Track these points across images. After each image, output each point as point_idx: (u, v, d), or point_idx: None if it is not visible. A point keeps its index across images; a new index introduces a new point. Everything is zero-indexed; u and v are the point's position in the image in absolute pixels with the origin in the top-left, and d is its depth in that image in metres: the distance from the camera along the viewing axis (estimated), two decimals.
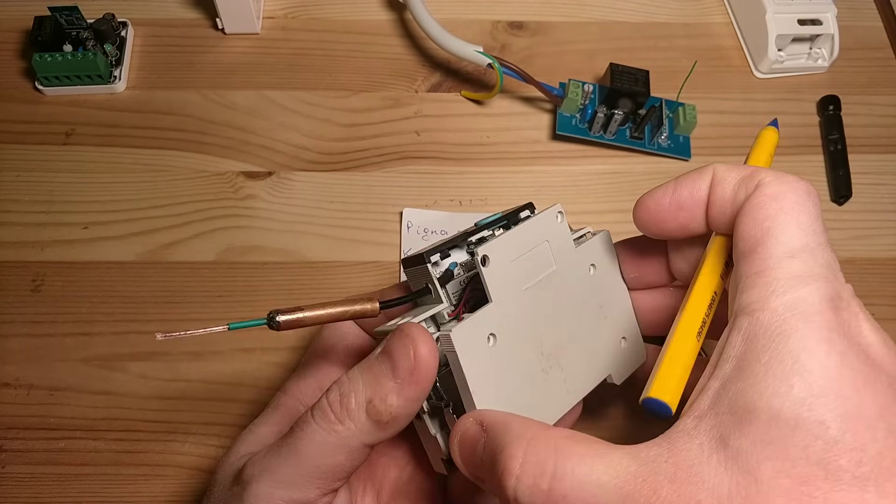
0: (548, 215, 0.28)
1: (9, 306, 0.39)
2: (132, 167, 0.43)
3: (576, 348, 0.28)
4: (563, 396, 0.28)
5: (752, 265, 0.22)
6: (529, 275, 0.27)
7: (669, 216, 0.26)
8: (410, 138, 0.45)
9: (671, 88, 0.44)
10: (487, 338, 0.25)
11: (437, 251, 0.26)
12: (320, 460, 0.24)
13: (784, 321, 0.20)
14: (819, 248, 0.22)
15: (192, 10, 0.49)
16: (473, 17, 0.50)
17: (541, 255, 0.27)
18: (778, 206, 0.22)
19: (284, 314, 0.24)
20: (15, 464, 0.36)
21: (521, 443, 0.21)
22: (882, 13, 0.51)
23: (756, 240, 0.22)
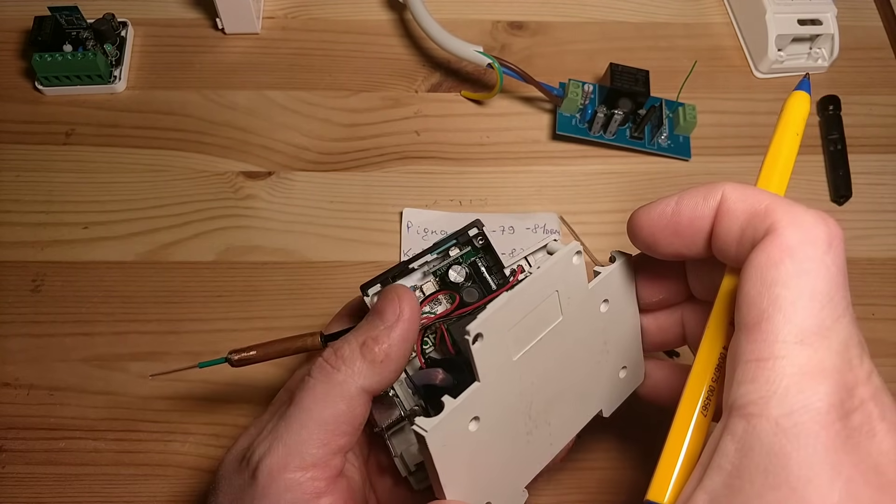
0: (562, 261, 0.25)
1: (9, 306, 0.39)
2: (132, 167, 0.43)
3: (567, 398, 0.27)
4: (546, 450, 0.27)
5: (754, 347, 0.19)
6: (528, 336, 0.25)
7: (664, 240, 0.23)
8: (410, 138, 0.45)
9: (671, 88, 0.44)
10: (470, 421, 0.24)
11: (376, 282, 0.27)
12: (323, 412, 0.24)
13: (784, 436, 0.17)
14: (836, 325, 0.18)
15: (192, 10, 0.49)
16: (473, 17, 0.50)
17: (547, 309, 0.25)
18: (790, 266, 0.19)
19: (238, 353, 0.28)
20: (15, 464, 0.36)
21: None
22: (882, 13, 0.51)
23: (761, 312, 0.19)
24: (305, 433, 0.24)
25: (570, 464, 0.36)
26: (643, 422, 0.38)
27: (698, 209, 0.22)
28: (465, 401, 0.23)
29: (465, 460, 0.24)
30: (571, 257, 0.25)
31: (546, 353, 0.26)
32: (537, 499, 0.36)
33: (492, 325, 0.23)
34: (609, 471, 0.36)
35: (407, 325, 0.25)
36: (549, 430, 0.27)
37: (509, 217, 0.42)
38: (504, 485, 0.26)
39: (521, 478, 0.26)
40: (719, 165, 0.45)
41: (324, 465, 0.24)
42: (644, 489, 0.22)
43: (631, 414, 0.38)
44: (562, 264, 0.25)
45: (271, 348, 0.29)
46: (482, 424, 0.24)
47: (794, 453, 0.17)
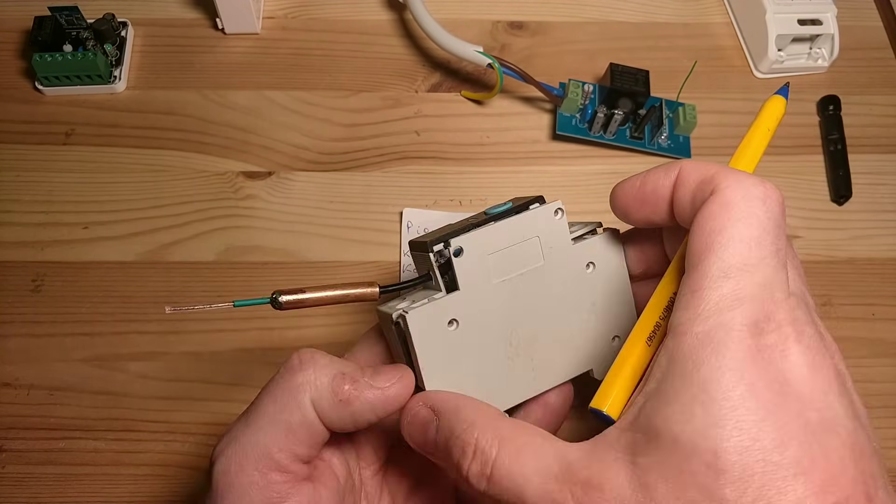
0: (543, 211, 0.28)
1: (9, 306, 0.39)
2: (132, 167, 0.43)
3: (553, 341, 0.28)
4: (529, 384, 0.28)
5: (690, 282, 0.21)
6: (509, 268, 0.27)
7: (633, 208, 0.26)
8: (410, 138, 0.45)
9: (671, 88, 0.44)
10: (449, 322, 0.26)
11: (440, 240, 0.27)
12: (278, 415, 0.24)
13: (700, 348, 0.20)
14: (761, 263, 0.21)
15: (192, 10, 0.49)
16: (473, 17, 0.50)
17: (528, 250, 0.28)
18: (726, 216, 0.22)
19: (287, 294, 0.25)
20: (15, 464, 0.36)
21: (473, 430, 0.23)
22: (882, 13, 0.51)
23: (699, 254, 0.22)
24: (260, 435, 0.24)
25: None
26: None
27: (660, 181, 0.25)
28: (444, 300, 0.26)
29: (443, 358, 0.26)
30: (553, 210, 0.28)
31: (529, 291, 0.28)
32: None
33: (471, 244, 0.26)
34: None
35: (388, 400, 0.25)
36: (533, 364, 0.28)
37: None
38: (482, 398, 0.26)
39: (500, 399, 0.27)
40: None
41: (284, 468, 0.24)
42: None
43: None
44: (542, 215, 0.28)
45: (324, 293, 0.25)
46: (461, 330, 0.26)
47: (707, 360, 0.20)
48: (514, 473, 0.22)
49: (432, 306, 0.26)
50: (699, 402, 0.20)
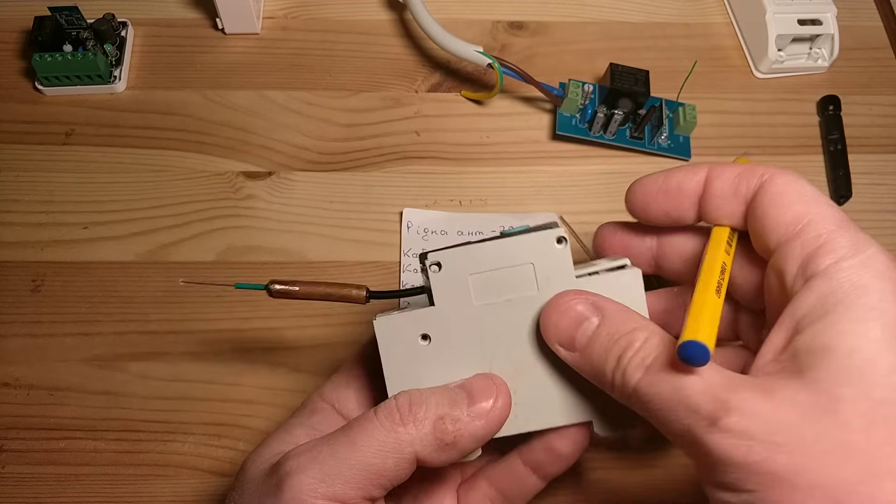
0: (538, 237, 0.26)
1: (9, 306, 0.39)
2: (132, 167, 0.43)
3: (541, 379, 0.27)
4: (509, 420, 0.27)
5: (809, 242, 0.23)
6: (495, 292, 0.26)
7: (655, 201, 0.27)
8: (410, 138, 0.45)
9: (671, 88, 0.44)
10: (422, 337, 0.26)
11: (432, 252, 0.26)
12: (372, 458, 0.24)
13: (859, 277, 0.22)
14: (850, 222, 0.23)
15: (192, 10, 0.49)
16: (473, 17, 0.50)
17: (520, 276, 0.26)
18: (796, 190, 0.24)
19: (280, 284, 0.27)
20: (15, 464, 0.36)
21: (644, 329, 0.24)
22: (882, 13, 0.51)
23: (797, 220, 0.23)
24: (346, 469, 0.24)
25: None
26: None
27: (687, 177, 0.26)
28: (418, 312, 0.26)
29: (410, 370, 0.27)
30: (552, 238, 0.26)
31: (516, 320, 0.27)
32: (538, 500, 0.36)
33: (451, 260, 0.26)
34: (611, 470, 0.36)
35: (491, 425, 0.25)
36: (516, 399, 0.27)
37: (509, 217, 0.42)
38: None
39: None
40: None
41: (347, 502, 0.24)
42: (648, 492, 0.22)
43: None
44: (540, 241, 0.26)
45: (314, 289, 0.27)
46: (433, 346, 0.26)
47: (871, 285, 0.21)
48: (676, 370, 0.22)
49: (404, 317, 0.26)
50: (875, 318, 0.21)
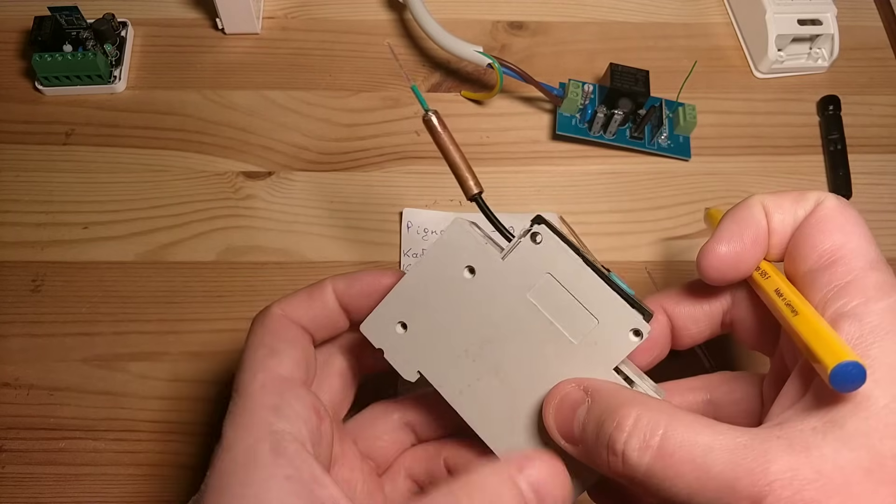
0: (626, 314, 0.25)
1: (9, 306, 0.39)
2: (132, 167, 0.43)
3: (514, 398, 0.26)
4: (462, 401, 0.27)
5: (837, 276, 0.23)
6: (548, 305, 0.26)
7: (733, 266, 0.25)
8: (410, 138, 0.45)
9: (671, 88, 0.44)
10: (396, 324, 0.27)
11: (557, 233, 0.26)
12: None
13: (890, 321, 0.21)
14: (882, 258, 0.24)
15: (192, 10, 0.49)
16: (473, 17, 0.50)
17: (579, 318, 0.25)
18: (843, 219, 0.24)
19: (437, 118, 0.27)
20: (15, 464, 0.36)
21: (633, 405, 0.22)
22: (882, 13, 0.51)
23: (832, 252, 0.23)
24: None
25: None
26: None
27: (755, 229, 0.25)
28: (390, 296, 0.27)
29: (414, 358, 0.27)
30: (633, 323, 0.25)
31: (539, 338, 0.26)
32: None
33: (551, 248, 0.25)
34: None
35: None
36: (477, 393, 0.27)
37: (509, 217, 0.42)
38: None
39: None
40: (719, 165, 0.45)
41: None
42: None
43: None
44: (623, 316, 0.25)
45: (454, 149, 0.28)
46: (409, 333, 0.27)
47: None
48: (692, 443, 0.20)
49: (379, 310, 0.27)
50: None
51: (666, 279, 0.41)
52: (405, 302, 0.27)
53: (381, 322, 0.27)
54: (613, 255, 0.42)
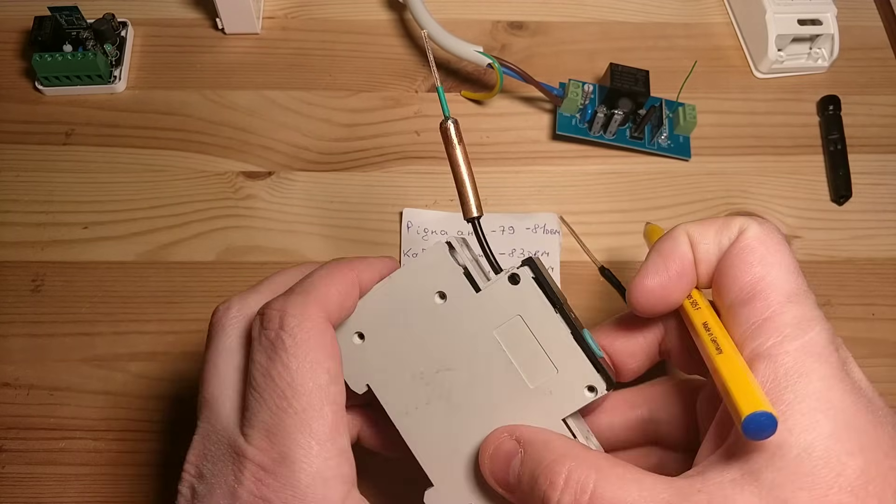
0: (587, 371, 0.26)
1: (9, 306, 0.39)
2: (132, 167, 0.43)
3: (456, 429, 0.27)
4: (405, 421, 0.27)
5: (756, 312, 0.23)
6: (511, 345, 0.26)
7: (660, 298, 0.25)
8: (410, 138, 0.45)
9: (671, 88, 0.44)
10: (353, 334, 0.27)
11: (538, 274, 0.26)
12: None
13: (802, 363, 0.21)
14: (807, 289, 0.23)
15: (192, 11, 0.49)
16: (473, 17, 0.50)
17: (538, 365, 0.26)
18: (764, 249, 0.23)
19: (455, 125, 0.28)
20: (15, 464, 0.36)
21: (564, 461, 0.22)
22: (882, 13, 0.51)
23: (752, 286, 0.23)
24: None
25: None
26: None
27: (680, 262, 0.25)
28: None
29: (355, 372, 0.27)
30: (590, 381, 0.26)
31: (493, 376, 0.26)
32: None
33: (529, 295, 0.26)
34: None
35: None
36: (422, 415, 0.27)
37: (509, 217, 0.42)
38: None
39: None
40: (719, 165, 0.45)
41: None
42: None
43: None
44: (584, 373, 0.26)
45: (463, 166, 0.28)
46: (365, 345, 0.27)
47: (812, 373, 0.21)
48: (619, 500, 0.21)
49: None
50: (821, 410, 0.20)
51: None
52: (367, 314, 0.27)
53: (339, 329, 0.27)
54: (613, 255, 0.42)
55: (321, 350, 0.24)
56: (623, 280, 0.40)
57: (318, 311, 0.24)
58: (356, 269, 0.27)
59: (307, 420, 0.23)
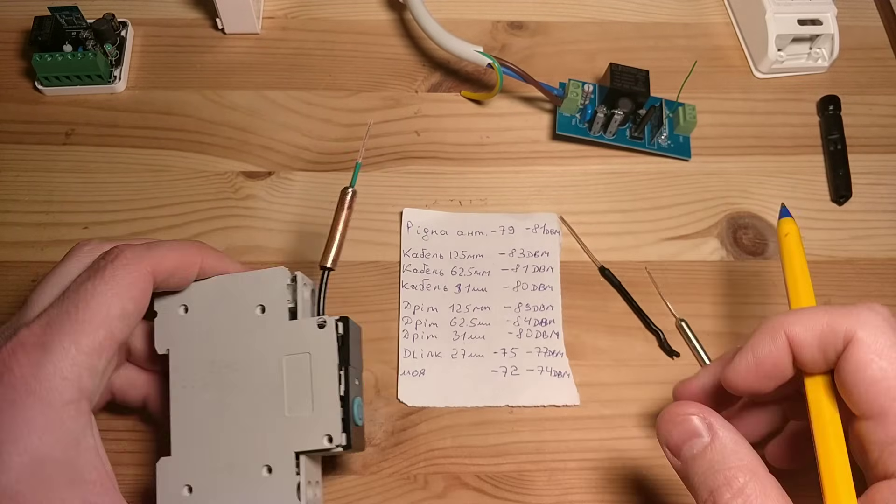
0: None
1: (9, 307, 0.39)
2: (132, 167, 0.43)
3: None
4: None
5: (888, 430, 0.24)
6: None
7: (759, 385, 0.27)
8: (410, 138, 0.45)
9: (671, 88, 0.44)
10: (179, 306, 0.32)
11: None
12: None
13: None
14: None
15: (192, 10, 0.49)
16: (473, 17, 0.50)
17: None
18: (882, 363, 0.24)
19: (353, 195, 0.33)
20: None
21: (745, 471, 0.24)
22: (882, 13, 0.51)
23: (882, 406, 0.24)
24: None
25: (572, 463, 0.36)
26: (645, 420, 0.38)
27: (773, 353, 0.26)
28: (197, 283, 0.32)
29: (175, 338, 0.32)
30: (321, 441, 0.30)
31: (262, 370, 0.31)
32: (539, 498, 0.36)
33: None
34: (616, 470, 0.36)
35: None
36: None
37: (509, 217, 0.42)
38: None
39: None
40: (719, 165, 0.45)
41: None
42: (646, 487, 0.22)
43: (635, 411, 0.38)
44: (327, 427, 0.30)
45: (342, 227, 0.34)
46: (185, 317, 0.32)
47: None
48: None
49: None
50: None
51: (665, 279, 0.41)
52: (199, 294, 0.32)
53: (173, 297, 0.32)
54: (613, 256, 0.42)
55: (128, 290, 0.28)
56: (623, 280, 0.40)
57: (147, 265, 0.29)
58: (205, 254, 0.32)
59: (80, 329, 0.26)
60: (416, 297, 0.40)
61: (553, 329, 0.39)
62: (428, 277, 0.41)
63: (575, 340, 0.39)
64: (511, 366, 0.38)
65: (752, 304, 0.41)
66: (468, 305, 0.40)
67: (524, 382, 0.38)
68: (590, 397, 0.38)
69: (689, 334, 0.39)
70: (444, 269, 0.41)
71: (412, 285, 0.40)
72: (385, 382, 0.38)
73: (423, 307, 0.40)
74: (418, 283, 0.40)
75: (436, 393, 0.38)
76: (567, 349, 0.39)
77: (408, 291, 0.40)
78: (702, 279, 0.41)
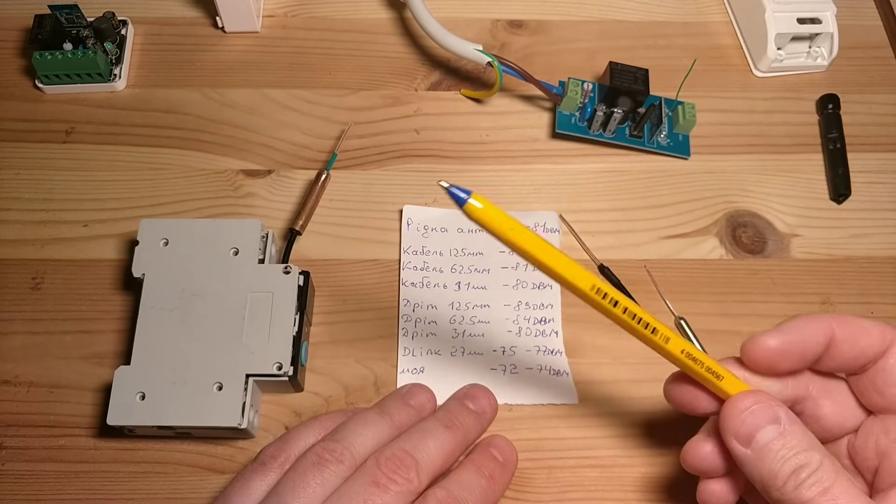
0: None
1: (9, 304, 0.39)
2: (132, 165, 0.43)
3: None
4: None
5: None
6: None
7: (784, 364, 0.28)
8: (410, 136, 0.45)
9: (670, 87, 0.44)
10: (160, 240, 0.37)
11: None
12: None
13: None
14: None
15: (192, 9, 0.49)
16: (473, 15, 0.50)
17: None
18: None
19: (326, 178, 0.41)
20: (14, 461, 0.36)
21: (817, 455, 0.26)
22: (881, 12, 0.51)
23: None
24: None
25: (571, 461, 0.36)
26: (646, 418, 0.38)
27: (812, 341, 0.28)
28: (181, 220, 0.38)
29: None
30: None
31: (227, 301, 0.35)
32: (538, 496, 0.36)
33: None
34: (614, 468, 0.37)
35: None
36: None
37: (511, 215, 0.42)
38: None
39: None
40: (718, 164, 0.45)
41: None
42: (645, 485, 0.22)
43: (634, 409, 0.38)
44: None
45: (314, 201, 0.41)
46: (166, 248, 0.37)
47: None
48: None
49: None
50: None
51: (665, 278, 0.41)
52: (180, 231, 0.37)
53: (156, 225, 0.37)
54: (612, 254, 0.42)
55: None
56: (623, 279, 0.40)
57: None
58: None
59: None
60: (416, 295, 0.40)
61: (552, 328, 0.39)
62: (428, 275, 0.41)
63: (574, 339, 0.39)
64: (510, 364, 0.38)
65: (751, 303, 0.41)
66: (468, 303, 0.40)
67: (523, 381, 0.38)
68: (588, 395, 0.38)
69: (688, 332, 0.39)
70: (444, 266, 0.41)
71: (412, 283, 0.40)
72: (384, 380, 0.38)
73: (423, 305, 0.40)
74: (418, 281, 0.40)
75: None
76: (566, 347, 0.39)
77: (407, 289, 0.40)
78: (701, 277, 0.41)
